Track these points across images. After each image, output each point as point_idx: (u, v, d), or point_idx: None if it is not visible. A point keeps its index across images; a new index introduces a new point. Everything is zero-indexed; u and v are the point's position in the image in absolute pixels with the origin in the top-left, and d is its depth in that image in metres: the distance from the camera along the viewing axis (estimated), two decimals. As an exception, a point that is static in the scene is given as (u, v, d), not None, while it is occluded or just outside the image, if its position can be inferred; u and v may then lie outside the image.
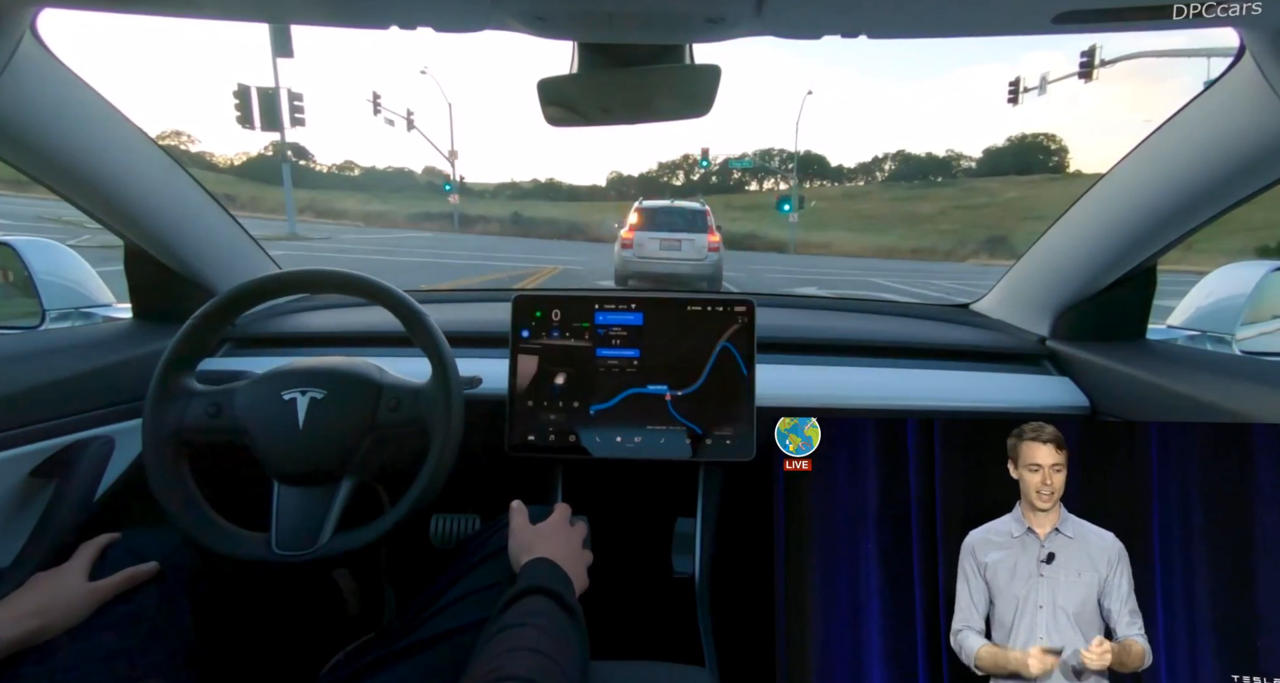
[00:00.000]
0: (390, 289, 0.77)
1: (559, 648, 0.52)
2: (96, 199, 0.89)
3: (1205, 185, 0.78)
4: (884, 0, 0.52)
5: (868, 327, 1.18)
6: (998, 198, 53.03)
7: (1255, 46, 0.63)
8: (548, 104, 0.70)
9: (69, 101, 0.79)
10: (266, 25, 4.51)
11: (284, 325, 1.15)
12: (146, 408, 0.72)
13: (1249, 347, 1.08)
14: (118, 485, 0.91)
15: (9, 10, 0.63)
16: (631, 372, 0.93)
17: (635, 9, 0.54)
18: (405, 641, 0.64)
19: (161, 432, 0.72)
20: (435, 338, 0.76)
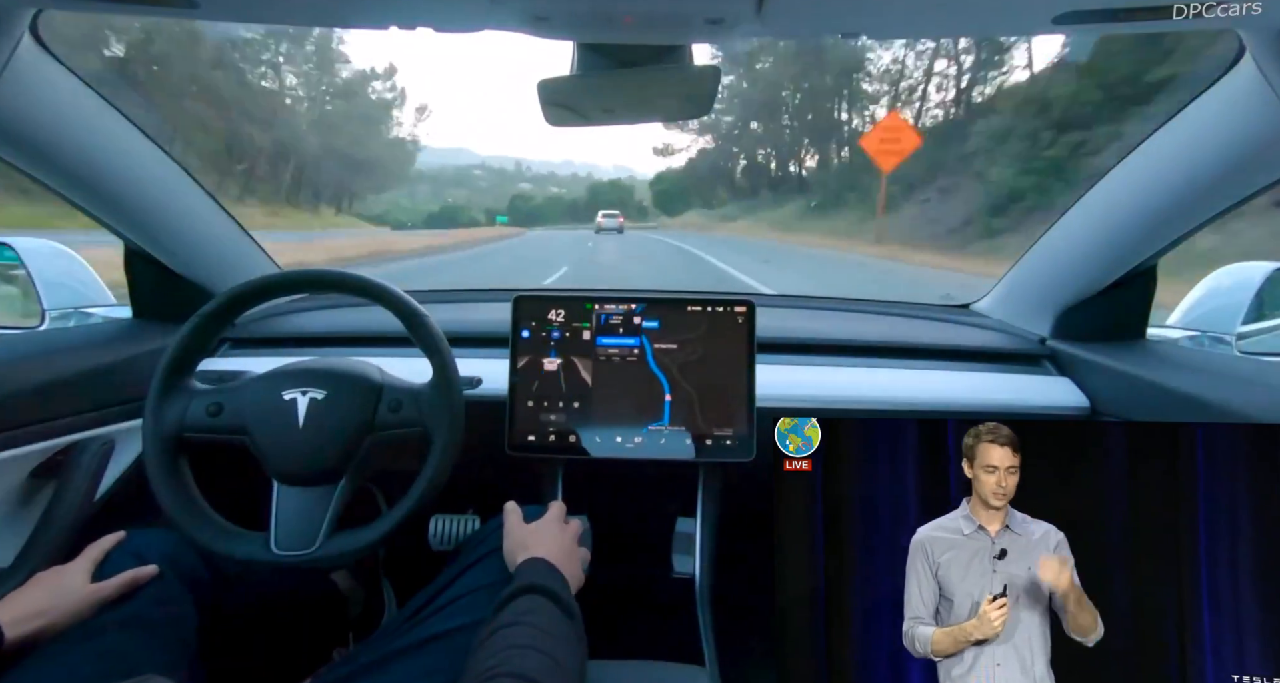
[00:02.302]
0: (390, 290, 0.77)
1: (556, 646, 0.52)
2: (96, 199, 0.89)
3: (1205, 185, 0.78)
4: (884, 0, 0.52)
5: (868, 327, 1.18)
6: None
7: (1255, 46, 0.63)
8: (548, 104, 0.70)
9: (68, 102, 0.79)
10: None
11: (284, 325, 1.15)
12: (147, 406, 0.72)
13: (1249, 347, 1.08)
14: (118, 485, 0.91)
15: (9, 11, 0.63)
16: (631, 372, 0.93)
17: (635, 10, 0.54)
18: (403, 640, 0.64)
19: (162, 430, 0.72)
20: (436, 339, 0.76)
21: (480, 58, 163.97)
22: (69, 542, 0.81)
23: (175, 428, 0.72)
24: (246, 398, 0.74)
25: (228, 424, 0.73)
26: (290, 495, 0.72)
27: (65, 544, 0.80)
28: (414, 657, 0.63)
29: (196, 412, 0.73)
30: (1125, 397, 0.92)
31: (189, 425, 0.72)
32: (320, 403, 0.73)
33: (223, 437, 0.73)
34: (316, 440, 0.72)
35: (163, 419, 0.72)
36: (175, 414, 0.73)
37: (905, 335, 1.12)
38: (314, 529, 0.71)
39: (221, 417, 0.73)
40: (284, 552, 0.70)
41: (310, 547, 0.70)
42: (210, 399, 0.74)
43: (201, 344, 0.76)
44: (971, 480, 0.62)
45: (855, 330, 1.14)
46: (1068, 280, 1.02)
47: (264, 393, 0.74)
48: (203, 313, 0.75)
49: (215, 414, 0.73)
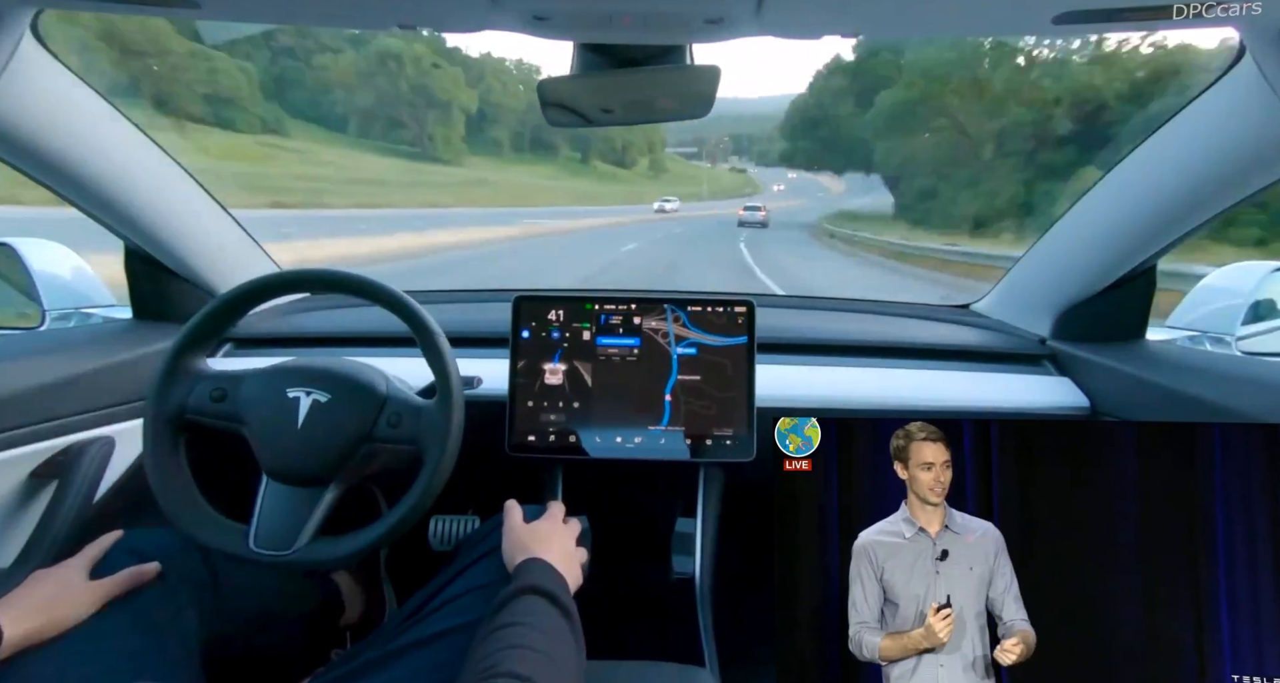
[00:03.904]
0: (391, 290, 0.77)
1: (554, 646, 0.52)
2: (96, 199, 0.89)
3: (1205, 186, 0.78)
4: (884, 0, 0.52)
5: (868, 327, 1.18)
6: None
7: (1255, 46, 0.63)
8: (548, 105, 0.70)
9: (69, 102, 0.79)
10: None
11: (284, 325, 1.15)
12: (152, 384, 0.72)
13: (1249, 347, 1.08)
14: (118, 486, 0.91)
15: (9, 11, 0.63)
16: (631, 371, 0.93)
17: (635, 10, 0.54)
18: (402, 640, 0.64)
19: (164, 409, 0.72)
20: (443, 356, 0.74)
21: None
22: (69, 542, 0.81)
23: (177, 408, 0.72)
24: (251, 389, 0.74)
25: (228, 411, 0.73)
26: (278, 493, 0.72)
27: (65, 544, 0.80)
28: (413, 657, 0.63)
29: (200, 394, 0.73)
30: (1125, 397, 0.92)
31: (191, 407, 0.73)
32: (322, 406, 0.72)
33: (222, 423, 0.73)
34: (312, 442, 0.71)
35: (166, 398, 0.72)
36: (179, 394, 0.73)
37: (905, 335, 1.12)
38: (295, 530, 0.70)
39: (224, 403, 0.73)
40: (261, 550, 0.69)
41: (289, 548, 0.69)
42: (215, 384, 0.74)
43: (213, 329, 0.77)
44: (907, 482, 0.63)
45: (855, 330, 1.14)
46: (1068, 280, 1.02)
47: (269, 387, 0.74)
48: (224, 297, 0.76)
49: (219, 400, 0.73)
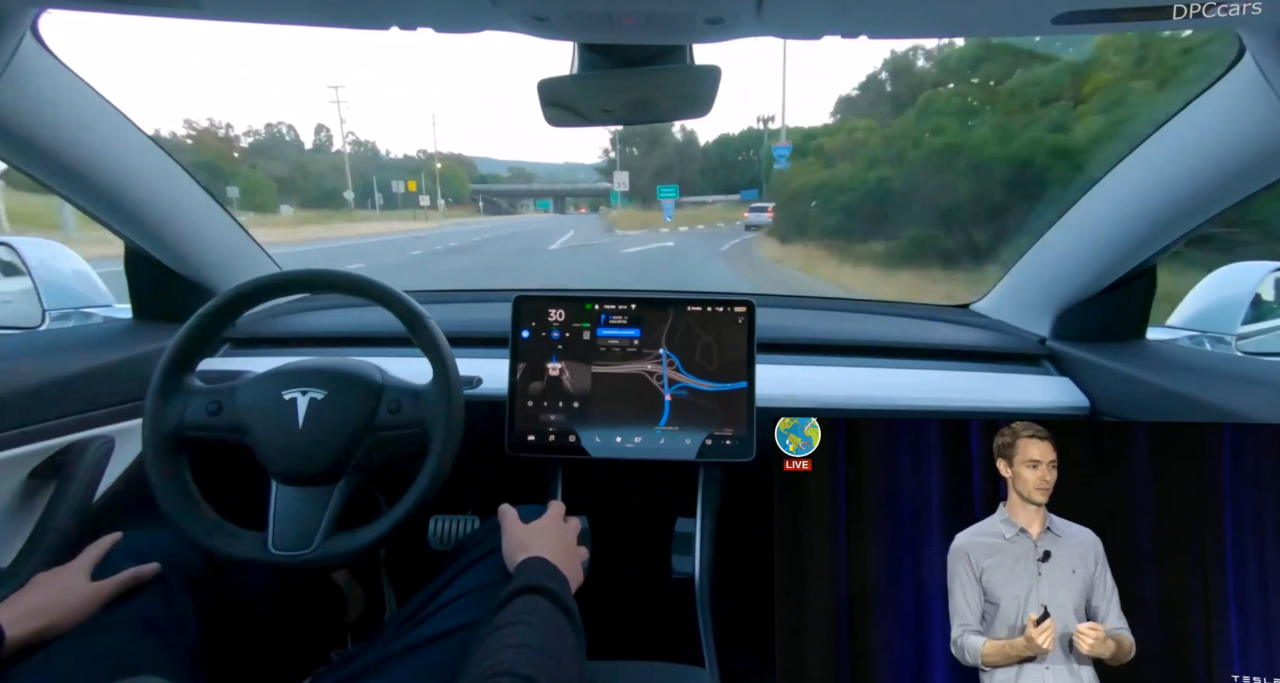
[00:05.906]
0: (391, 290, 0.77)
1: (555, 645, 0.52)
2: (97, 199, 0.89)
3: (1205, 186, 0.78)
4: (884, 0, 0.52)
5: (868, 327, 1.18)
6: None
7: (1255, 47, 0.63)
8: (548, 104, 0.70)
9: (69, 102, 0.79)
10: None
11: (284, 325, 1.15)
12: (148, 404, 0.72)
13: (1249, 347, 1.08)
14: (117, 486, 0.91)
15: (9, 11, 0.63)
16: (631, 371, 0.93)
17: (635, 10, 0.54)
18: (402, 641, 0.64)
19: (162, 428, 0.72)
20: (436, 340, 0.76)
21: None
22: (69, 542, 0.81)
23: (175, 426, 0.72)
24: (247, 397, 0.74)
25: (227, 423, 0.73)
26: (289, 495, 0.72)
27: (65, 544, 0.80)
28: (413, 657, 0.63)
29: (196, 410, 0.73)
30: (1125, 397, 0.92)
31: (189, 424, 0.72)
32: (320, 403, 0.73)
33: (222, 435, 0.73)
34: (316, 441, 0.72)
35: (162, 417, 0.72)
36: (176, 412, 0.73)
37: (905, 335, 1.12)
38: (312, 529, 0.71)
39: (221, 415, 0.73)
40: (281, 552, 0.70)
41: (308, 547, 0.70)
42: (210, 398, 0.74)
43: (202, 343, 0.76)
44: (1009, 480, 0.62)
45: (855, 330, 1.14)
46: (1068, 280, 1.02)
47: (264, 393, 0.74)
48: (203, 311, 0.75)
49: (215, 413, 0.73)
